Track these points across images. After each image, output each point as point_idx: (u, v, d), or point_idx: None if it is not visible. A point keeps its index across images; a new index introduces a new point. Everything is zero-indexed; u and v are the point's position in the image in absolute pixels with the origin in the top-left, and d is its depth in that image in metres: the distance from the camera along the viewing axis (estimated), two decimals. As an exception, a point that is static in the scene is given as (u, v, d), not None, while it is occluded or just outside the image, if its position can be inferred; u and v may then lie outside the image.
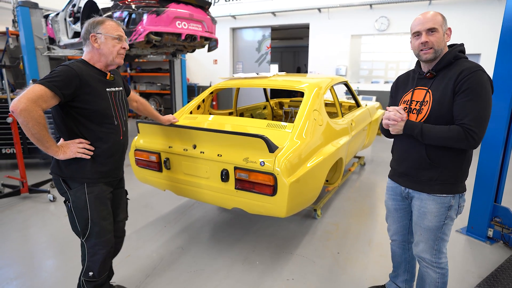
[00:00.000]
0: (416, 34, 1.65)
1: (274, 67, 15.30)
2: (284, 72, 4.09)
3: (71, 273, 2.48)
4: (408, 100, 1.75)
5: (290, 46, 15.04)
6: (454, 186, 1.69)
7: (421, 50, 1.64)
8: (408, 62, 7.96)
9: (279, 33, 11.43)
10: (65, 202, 1.88)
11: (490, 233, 3.01)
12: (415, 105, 1.71)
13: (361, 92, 8.27)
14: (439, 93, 1.63)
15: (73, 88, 1.69)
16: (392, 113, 1.69)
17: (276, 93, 11.81)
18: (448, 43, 1.72)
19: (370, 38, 8.36)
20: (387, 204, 2.01)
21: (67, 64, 1.74)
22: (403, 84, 1.86)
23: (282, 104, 5.63)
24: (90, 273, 1.92)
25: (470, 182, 3.37)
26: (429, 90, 1.67)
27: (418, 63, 1.79)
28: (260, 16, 9.17)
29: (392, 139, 1.93)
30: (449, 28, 1.66)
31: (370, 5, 7.69)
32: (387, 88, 8.12)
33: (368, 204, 3.86)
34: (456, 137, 1.54)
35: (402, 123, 1.68)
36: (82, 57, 1.86)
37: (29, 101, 1.56)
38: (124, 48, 1.88)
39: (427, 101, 1.66)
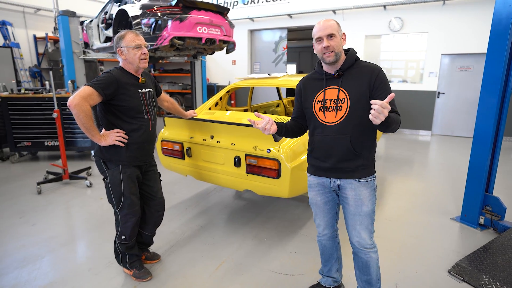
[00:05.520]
0: (318, 40, 1.80)
1: (292, 67, 15.56)
2: (295, 73, 4.44)
3: (108, 241, 2.97)
4: (322, 99, 1.86)
5: (307, 46, 15.25)
6: (372, 169, 1.90)
7: (324, 53, 1.78)
8: (422, 61, 8.08)
9: (296, 33, 11.72)
10: (103, 179, 2.34)
11: (482, 220, 3.26)
12: (330, 103, 1.84)
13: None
14: (354, 90, 1.78)
15: (113, 89, 2.15)
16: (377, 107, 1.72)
17: (292, 92, 12.12)
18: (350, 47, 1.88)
19: (390, 37, 8.39)
20: (315, 201, 2.05)
21: (108, 71, 2.22)
22: (311, 86, 1.94)
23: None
24: (123, 237, 2.38)
25: (463, 174, 3.57)
26: (341, 88, 1.81)
27: (320, 66, 1.93)
28: (277, 18, 9.54)
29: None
30: (344, 33, 1.84)
31: (384, 6, 7.90)
32: (399, 87, 8.28)
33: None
34: (399, 121, 1.73)
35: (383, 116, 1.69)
36: (120, 65, 2.30)
37: (81, 98, 2.03)
38: (144, 53, 2.25)
39: (343, 98, 1.79)
